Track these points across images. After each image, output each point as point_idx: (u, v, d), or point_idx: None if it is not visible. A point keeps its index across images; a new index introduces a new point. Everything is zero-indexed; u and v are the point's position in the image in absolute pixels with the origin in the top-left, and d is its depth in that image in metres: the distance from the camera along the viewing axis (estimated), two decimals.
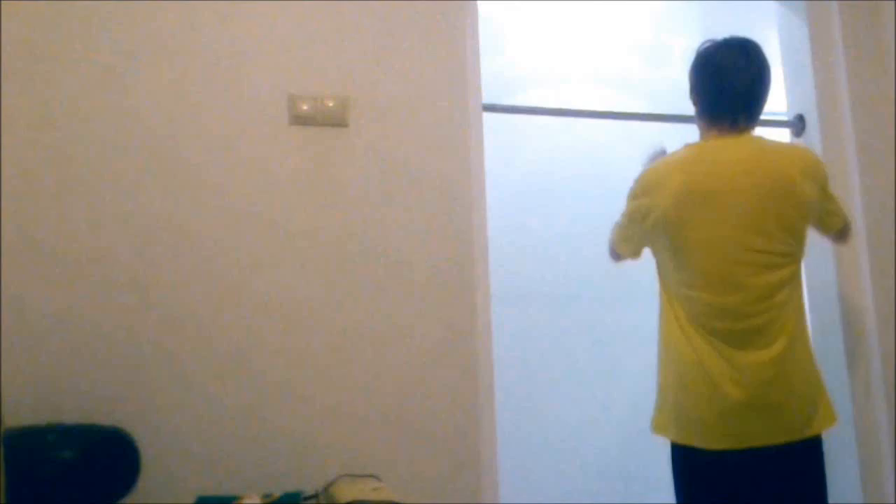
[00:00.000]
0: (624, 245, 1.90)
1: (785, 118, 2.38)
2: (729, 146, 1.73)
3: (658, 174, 1.75)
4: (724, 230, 1.66)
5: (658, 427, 1.76)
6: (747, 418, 1.63)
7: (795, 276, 1.73)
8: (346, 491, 1.53)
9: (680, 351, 1.70)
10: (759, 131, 1.84)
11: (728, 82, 1.75)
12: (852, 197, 2.24)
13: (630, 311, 2.96)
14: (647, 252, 2.01)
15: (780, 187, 1.67)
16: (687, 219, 1.68)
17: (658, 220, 1.72)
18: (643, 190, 1.77)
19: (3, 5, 1.73)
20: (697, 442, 1.67)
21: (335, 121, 1.90)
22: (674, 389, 1.72)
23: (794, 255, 1.71)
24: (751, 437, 1.64)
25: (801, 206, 1.69)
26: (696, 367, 1.66)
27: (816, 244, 2.27)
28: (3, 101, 1.71)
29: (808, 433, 1.68)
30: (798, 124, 2.35)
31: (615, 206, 2.17)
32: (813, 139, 2.31)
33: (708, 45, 1.81)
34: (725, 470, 1.66)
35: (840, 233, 1.90)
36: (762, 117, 1.81)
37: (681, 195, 1.67)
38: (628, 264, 1.98)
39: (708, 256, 1.67)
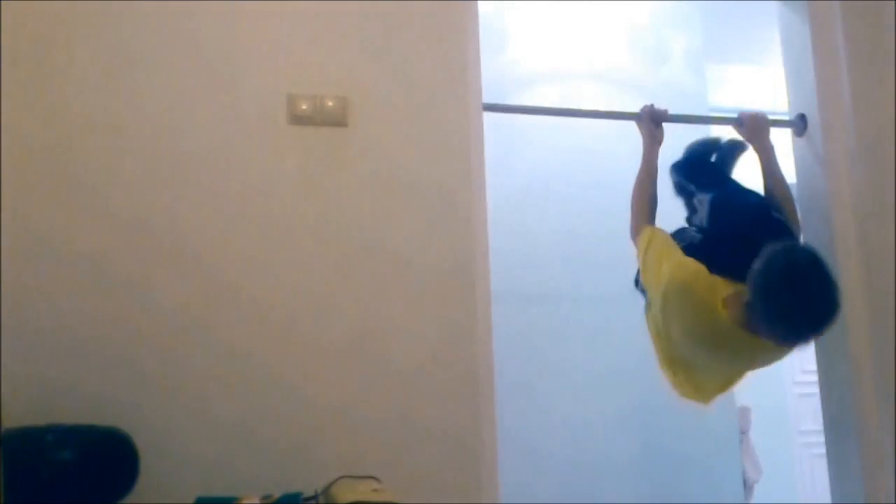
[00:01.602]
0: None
1: (786, 118, 2.37)
2: None
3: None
4: None
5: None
6: None
7: None
8: (346, 492, 1.53)
9: None
10: None
11: (815, 318, 1.67)
12: (853, 196, 2.23)
13: (630, 311, 2.95)
14: None
15: None
16: None
17: None
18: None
19: (3, 5, 1.72)
20: None
21: (334, 121, 1.90)
22: None
23: None
24: None
25: None
26: None
27: (818, 245, 2.28)
28: (4, 101, 1.70)
29: None
30: (800, 124, 2.34)
31: (615, 206, 2.17)
32: (814, 139, 2.30)
33: (792, 259, 1.69)
34: None
35: None
36: None
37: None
38: (627, 265, 1.98)
39: None
